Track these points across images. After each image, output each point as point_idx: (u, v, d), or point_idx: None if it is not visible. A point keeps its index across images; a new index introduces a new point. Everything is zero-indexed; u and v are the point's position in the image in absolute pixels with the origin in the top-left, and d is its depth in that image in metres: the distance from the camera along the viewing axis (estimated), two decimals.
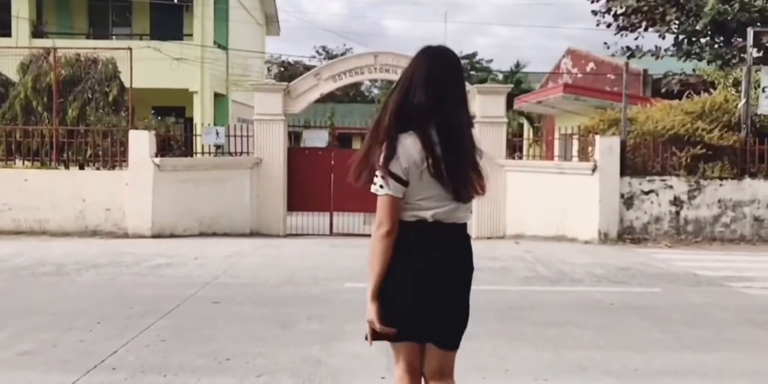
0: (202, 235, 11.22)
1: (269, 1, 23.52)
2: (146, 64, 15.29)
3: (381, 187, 2.36)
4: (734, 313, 5.95)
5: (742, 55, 14.71)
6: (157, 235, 10.74)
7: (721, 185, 11.05)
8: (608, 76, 19.32)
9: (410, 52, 2.62)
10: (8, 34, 17.37)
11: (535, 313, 5.88)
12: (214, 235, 11.33)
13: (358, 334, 3.14)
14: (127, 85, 12.19)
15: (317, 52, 43.20)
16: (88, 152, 11.35)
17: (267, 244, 10.27)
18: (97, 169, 11.25)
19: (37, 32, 18.01)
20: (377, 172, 2.35)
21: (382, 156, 2.32)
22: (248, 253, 9.28)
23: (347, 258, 8.92)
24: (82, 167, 11.49)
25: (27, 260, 8.30)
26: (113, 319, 5.38)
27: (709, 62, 15.36)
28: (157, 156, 10.95)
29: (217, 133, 11.84)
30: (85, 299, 6.19)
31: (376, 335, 2.40)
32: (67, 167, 11.51)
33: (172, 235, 10.91)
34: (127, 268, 7.84)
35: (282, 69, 40.27)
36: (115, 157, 11.15)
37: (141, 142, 10.74)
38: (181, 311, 5.76)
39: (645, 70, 17.64)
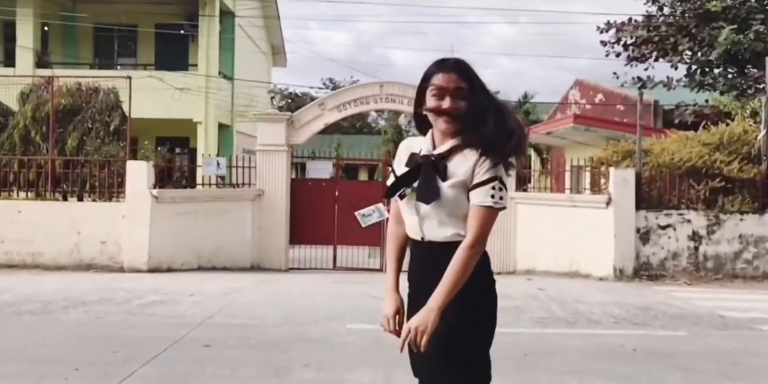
0: (200, 269, 10.80)
1: (276, 31, 23.49)
2: (150, 94, 15.13)
3: (501, 198, 2.19)
4: None
5: (757, 85, 14.40)
6: (153, 270, 10.32)
7: (741, 220, 10.58)
8: (618, 107, 19.01)
9: (416, 82, 2.21)
10: (12, 65, 17.28)
11: (553, 360, 5.39)
12: (214, 269, 10.92)
13: None
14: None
15: (324, 84, 43.24)
16: (86, 183, 11.03)
17: (267, 280, 9.83)
18: (94, 200, 10.89)
19: (41, 62, 17.89)
20: (495, 182, 2.18)
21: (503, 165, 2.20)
22: (247, 289, 8.84)
23: (350, 295, 8.46)
24: (80, 198, 11.15)
25: (14, 296, 7.88)
26: (93, 365, 4.93)
27: (722, 93, 15.04)
28: (155, 187, 10.61)
29: (218, 164, 11.51)
30: (67, 341, 5.75)
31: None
32: (65, 198, 11.17)
33: (169, 270, 10.49)
34: (117, 306, 7.40)
35: (289, 101, 40.28)
36: (112, 188, 10.81)
37: (139, 173, 10.41)
38: (169, 356, 5.30)
39: (656, 101, 17.32)
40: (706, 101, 15.59)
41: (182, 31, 18.57)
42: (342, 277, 10.53)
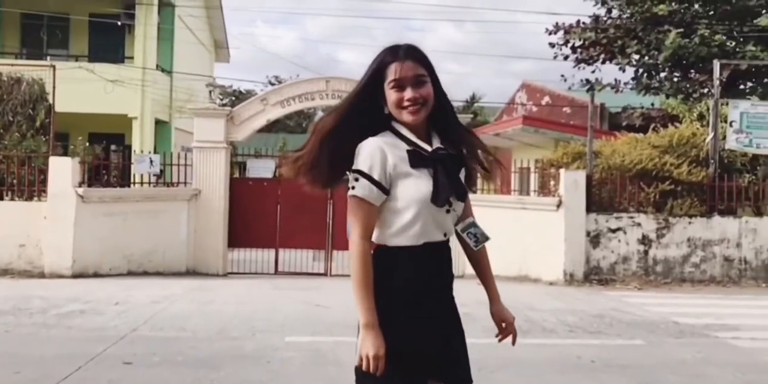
0: (130, 274, 10.08)
1: (219, 25, 22.62)
2: (80, 87, 14.22)
3: None
4: (732, 373, 5.19)
5: (702, 89, 14.52)
6: (78, 275, 9.55)
7: (690, 223, 10.50)
8: (564, 109, 19.00)
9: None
10: None
11: (508, 374, 5.01)
12: (145, 274, 10.21)
13: None
14: (57, 108, 11.09)
15: (270, 82, 42.30)
16: (4, 181, 10.14)
17: (202, 286, 9.18)
18: (12, 199, 10.02)
19: None
20: None
21: None
22: (179, 297, 8.18)
23: (291, 303, 7.93)
24: (0, 197, 10.24)
25: None
26: None
27: (668, 96, 15.11)
28: (81, 186, 9.83)
29: (151, 162, 10.78)
30: None
31: None
32: None
33: (95, 275, 9.74)
34: (30, 317, 6.67)
35: (233, 98, 39.18)
36: (33, 186, 9.97)
37: (63, 170, 9.61)
38: (80, 377, 4.68)
39: (602, 104, 17.35)
40: (652, 104, 15.66)
41: (119, 23, 17.58)
42: (284, 282, 9.96)
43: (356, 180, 2.03)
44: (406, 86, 2.05)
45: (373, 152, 2.03)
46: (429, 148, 2.11)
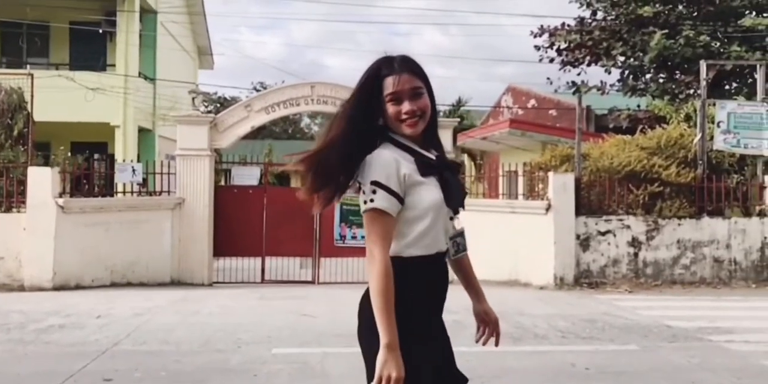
0: (113, 285, 9.87)
1: (202, 31, 22.43)
2: (60, 95, 14.00)
3: None
4: (729, 378, 5.09)
5: (688, 90, 14.52)
6: (59, 287, 9.33)
7: (679, 225, 10.44)
8: (550, 112, 18.98)
9: (350, 84, 1.61)
10: None
11: None
12: (129, 285, 10.01)
13: None
14: (37, 117, 10.87)
15: (255, 88, 42.10)
16: None
17: (186, 297, 8.99)
18: None
19: None
20: None
21: None
22: (163, 309, 7.99)
23: (278, 313, 7.76)
24: None
25: None
26: None
27: (654, 97, 15.10)
28: (62, 196, 9.62)
29: (134, 171, 10.58)
30: None
31: None
32: None
33: (77, 287, 9.53)
34: (8, 333, 6.47)
35: (218, 105, 38.92)
36: (11, 197, 9.74)
37: (42, 180, 9.40)
38: None
39: (588, 106, 17.33)
40: (638, 106, 15.64)
41: (100, 30, 17.36)
42: (270, 292, 9.78)
43: (374, 192, 1.99)
44: (404, 99, 2.06)
45: (387, 163, 2.01)
46: (432, 157, 2.13)
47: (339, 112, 2.12)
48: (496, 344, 2.31)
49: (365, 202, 2.00)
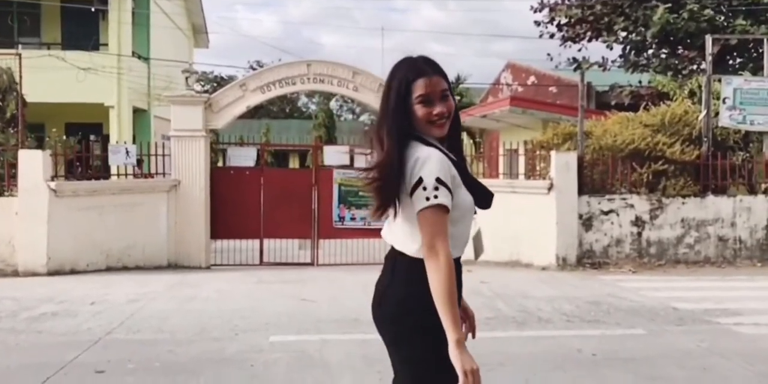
0: (109, 270, 9.72)
1: (196, 9, 22.01)
2: (52, 75, 13.73)
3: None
4: (741, 364, 4.95)
5: (691, 65, 14.23)
6: (54, 272, 9.17)
7: (683, 203, 10.26)
8: (550, 89, 18.68)
9: (347, 63, 1.37)
10: None
11: (506, 372, 4.72)
12: (125, 269, 9.86)
13: None
14: (29, 98, 10.63)
15: (251, 67, 41.57)
16: None
17: (183, 281, 8.84)
18: None
19: None
20: None
21: None
22: (158, 294, 7.84)
23: (276, 298, 7.62)
24: None
25: None
26: None
27: (657, 73, 14.81)
28: (54, 179, 9.42)
29: (127, 152, 10.35)
30: None
31: None
32: None
33: (72, 272, 9.37)
34: None
35: (215, 84, 38.48)
36: (3, 181, 9.54)
37: (33, 163, 9.19)
38: None
39: (588, 83, 17.03)
40: (639, 82, 15.36)
41: (92, 8, 16.96)
42: (269, 274, 9.63)
43: (436, 189, 1.99)
44: (435, 101, 2.09)
45: (442, 161, 2.04)
46: (454, 158, 2.16)
47: (380, 117, 2.13)
48: (473, 337, 2.35)
49: (427, 199, 1.97)
